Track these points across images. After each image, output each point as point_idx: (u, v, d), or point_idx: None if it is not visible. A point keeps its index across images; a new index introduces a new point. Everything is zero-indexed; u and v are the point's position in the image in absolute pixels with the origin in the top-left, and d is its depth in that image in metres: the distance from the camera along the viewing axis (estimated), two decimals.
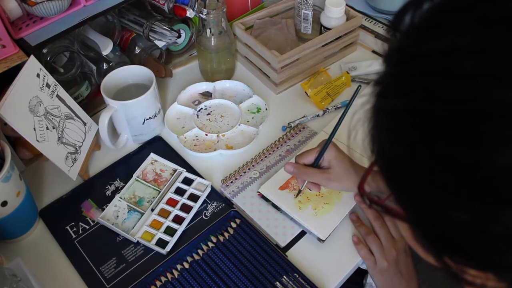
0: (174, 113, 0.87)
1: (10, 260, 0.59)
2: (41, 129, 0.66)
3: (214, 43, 0.87)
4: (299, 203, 0.71)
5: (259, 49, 0.89)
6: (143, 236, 0.70)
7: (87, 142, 0.77)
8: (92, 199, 0.75)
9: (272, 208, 0.72)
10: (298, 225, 0.70)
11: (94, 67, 0.84)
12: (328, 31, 0.91)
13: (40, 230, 0.72)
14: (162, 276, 0.65)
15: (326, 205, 0.71)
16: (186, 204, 0.73)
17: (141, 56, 0.89)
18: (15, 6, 0.70)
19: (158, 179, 0.77)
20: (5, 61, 0.68)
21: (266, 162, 0.78)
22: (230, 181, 0.76)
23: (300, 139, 0.82)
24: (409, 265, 0.65)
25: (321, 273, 0.66)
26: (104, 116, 0.74)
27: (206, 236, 0.69)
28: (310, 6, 0.93)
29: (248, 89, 0.89)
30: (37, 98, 0.66)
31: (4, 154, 0.63)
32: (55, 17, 0.74)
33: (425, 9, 0.31)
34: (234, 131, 0.83)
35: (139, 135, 0.82)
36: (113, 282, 0.65)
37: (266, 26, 0.97)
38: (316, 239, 0.69)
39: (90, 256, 0.68)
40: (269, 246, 0.67)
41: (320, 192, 0.72)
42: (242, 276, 0.65)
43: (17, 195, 0.65)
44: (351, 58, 0.99)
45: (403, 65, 0.31)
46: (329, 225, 0.69)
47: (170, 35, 0.84)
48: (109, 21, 0.87)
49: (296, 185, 0.73)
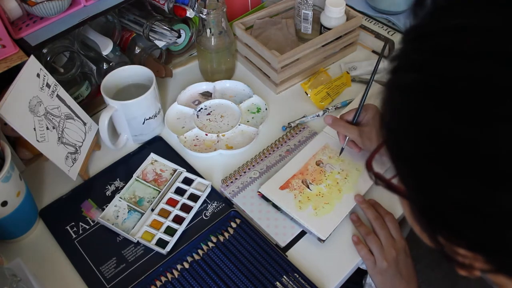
0: (174, 113, 0.87)
1: (10, 260, 0.59)
2: (41, 129, 0.66)
3: (214, 43, 0.87)
4: (300, 203, 0.71)
5: (259, 49, 0.89)
6: (143, 236, 0.70)
7: (87, 142, 0.77)
8: (92, 199, 0.75)
9: (272, 208, 0.72)
10: (298, 225, 0.70)
11: (94, 67, 0.84)
12: (328, 31, 0.91)
13: (40, 230, 0.72)
14: (162, 276, 0.65)
15: (327, 205, 0.71)
16: (186, 204, 0.73)
17: (141, 56, 0.89)
18: (15, 6, 0.70)
19: (158, 179, 0.77)
20: (5, 61, 0.68)
21: (266, 162, 0.78)
22: (230, 181, 0.76)
23: (300, 139, 0.82)
24: (409, 266, 0.65)
25: (321, 273, 0.66)
26: (104, 116, 0.74)
27: (206, 236, 0.69)
28: (310, 6, 0.93)
29: (248, 89, 0.89)
30: (37, 98, 0.66)
31: (4, 154, 0.63)
32: (55, 17, 0.74)
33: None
34: (234, 131, 0.83)
35: (139, 135, 0.82)
36: (113, 282, 0.65)
37: (266, 26, 0.97)
38: (316, 239, 0.69)
39: (90, 256, 0.68)
40: (269, 246, 0.67)
41: (321, 192, 0.72)
42: (242, 276, 0.65)
43: (17, 195, 0.65)
44: (351, 58, 0.99)
45: (416, 42, 0.32)
46: (329, 225, 0.69)
47: (170, 35, 0.84)
48: (109, 21, 0.87)
49: (296, 185, 0.73)
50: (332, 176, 0.75)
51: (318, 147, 0.79)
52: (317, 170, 0.76)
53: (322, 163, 0.77)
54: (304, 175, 0.75)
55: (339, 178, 0.74)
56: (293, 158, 0.78)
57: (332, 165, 0.76)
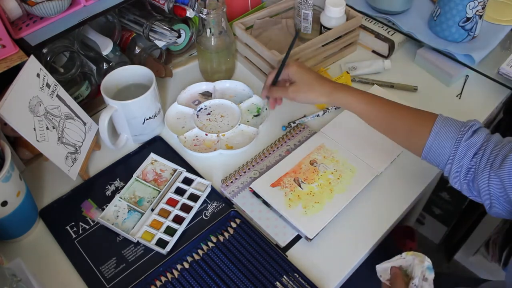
0: (174, 113, 0.87)
1: (10, 260, 0.59)
2: (41, 129, 0.66)
3: (214, 43, 0.87)
4: (289, 201, 0.71)
5: (259, 49, 0.89)
6: (143, 236, 0.70)
7: (87, 142, 0.77)
8: (92, 199, 0.75)
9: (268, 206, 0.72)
10: (288, 223, 0.70)
11: (94, 67, 0.84)
12: (328, 31, 0.91)
13: (40, 230, 0.72)
14: (162, 276, 0.65)
15: (317, 204, 0.71)
16: (186, 204, 0.73)
17: (141, 56, 0.89)
18: (15, 6, 0.70)
19: (158, 179, 0.77)
20: (5, 61, 0.69)
21: (266, 162, 0.78)
22: (230, 181, 0.76)
23: (300, 139, 0.82)
24: None
25: (321, 273, 0.66)
26: (104, 116, 0.74)
27: (206, 236, 0.69)
28: (310, 6, 0.93)
29: (248, 89, 0.89)
30: (37, 98, 0.66)
31: (4, 154, 0.63)
32: (55, 17, 0.74)
33: None
34: (234, 131, 0.83)
35: (139, 135, 0.82)
36: (113, 282, 0.65)
37: (266, 26, 0.97)
38: (313, 239, 0.69)
39: (90, 256, 0.68)
40: (269, 246, 0.67)
41: (312, 191, 0.72)
42: (242, 276, 0.65)
43: (17, 195, 0.65)
44: (351, 58, 0.99)
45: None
46: (318, 224, 0.69)
47: (170, 35, 0.84)
48: (109, 21, 0.87)
49: (288, 183, 0.73)
50: (325, 176, 0.75)
51: (314, 146, 0.79)
52: (310, 169, 0.76)
53: (316, 163, 0.77)
54: (296, 174, 0.75)
55: (332, 178, 0.75)
56: (287, 156, 0.78)
57: (326, 165, 0.76)
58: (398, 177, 0.77)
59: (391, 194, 0.75)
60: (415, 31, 0.96)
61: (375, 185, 0.76)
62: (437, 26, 0.93)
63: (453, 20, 0.89)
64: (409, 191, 0.76)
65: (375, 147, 0.78)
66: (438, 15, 0.92)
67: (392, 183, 0.76)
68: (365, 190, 0.74)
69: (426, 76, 0.94)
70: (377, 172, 0.76)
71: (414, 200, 0.75)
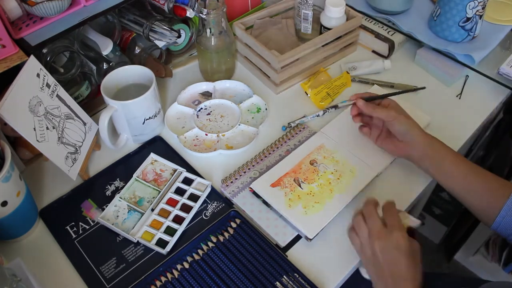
0: (174, 113, 0.87)
1: (10, 260, 0.59)
2: (41, 129, 0.66)
3: (214, 43, 0.87)
4: (289, 201, 0.71)
5: (259, 49, 0.89)
6: (143, 236, 0.70)
7: (87, 142, 0.77)
8: (92, 199, 0.75)
9: (270, 206, 0.72)
10: (288, 223, 0.70)
11: (94, 67, 0.84)
12: (328, 31, 0.91)
13: (40, 230, 0.72)
14: (162, 276, 0.65)
15: (317, 204, 0.71)
16: (186, 204, 0.73)
17: (141, 56, 0.89)
18: (15, 6, 0.70)
19: (158, 179, 0.77)
20: (5, 61, 0.68)
21: (266, 162, 0.78)
22: (230, 181, 0.76)
23: (300, 139, 0.82)
24: (403, 257, 0.58)
25: (321, 273, 0.66)
26: (104, 116, 0.74)
27: (206, 236, 0.69)
28: (310, 6, 0.93)
29: (248, 89, 0.89)
30: (37, 98, 0.66)
31: (4, 154, 0.63)
32: (55, 17, 0.74)
33: None
34: (234, 131, 0.83)
35: (139, 135, 0.82)
36: (113, 282, 0.65)
37: (266, 26, 0.97)
38: (315, 239, 0.69)
39: (90, 256, 0.68)
40: (269, 246, 0.67)
41: (312, 191, 0.72)
42: (242, 276, 0.65)
43: (17, 195, 0.65)
44: (351, 58, 0.99)
45: None
46: (318, 224, 0.69)
47: (170, 35, 0.84)
48: (109, 21, 0.87)
49: (288, 183, 0.73)
50: (325, 176, 0.75)
51: (314, 146, 0.79)
52: (310, 169, 0.76)
53: (316, 163, 0.77)
54: (296, 174, 0.75)
55: (332, 178, 0.75)
56: (287, 156, 0.78)
57: (326, 165, 0.76)
58: (398, 177, 0.77)
59: (391, 194, 0.75)
60: (415, 31, 0.96)
61: (375, 185, 0.76)
62: (437, 26, 0.93)
63: (453, 20, 0.89)
64: (409, 191, 0.76)
65: (375, 147, 0.78)
66: (438, 15, 0.92)
67: (392, 183, 0.76)
68: (365, 190, 0.74)
69: (426, 76, 0.94)
70: (377, 172, 0.76)
71: (414, 200, 0.75)
